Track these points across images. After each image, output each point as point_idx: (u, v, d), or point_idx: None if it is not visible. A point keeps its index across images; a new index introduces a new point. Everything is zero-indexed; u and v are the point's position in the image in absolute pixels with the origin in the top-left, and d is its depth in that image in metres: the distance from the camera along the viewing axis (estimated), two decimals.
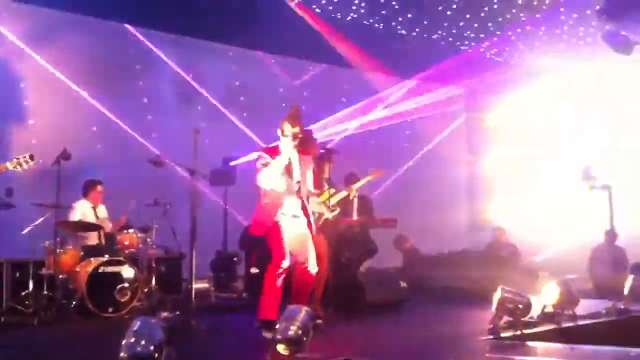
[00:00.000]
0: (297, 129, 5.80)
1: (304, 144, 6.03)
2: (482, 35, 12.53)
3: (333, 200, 7.13)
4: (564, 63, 13.07)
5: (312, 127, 8.99)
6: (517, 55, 13.53)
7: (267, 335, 5.26)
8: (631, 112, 13.03)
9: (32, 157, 6.52)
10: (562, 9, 11.55)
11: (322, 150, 7.08)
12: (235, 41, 11.27)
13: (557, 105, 13.97)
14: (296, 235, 5.80)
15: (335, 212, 6.98)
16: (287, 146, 5.81)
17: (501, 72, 13.29)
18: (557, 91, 13.71)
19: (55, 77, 9.80)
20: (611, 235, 9.29)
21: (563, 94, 13.75)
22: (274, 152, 5.85)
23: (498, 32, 12.39)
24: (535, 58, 13.30)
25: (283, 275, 5.66)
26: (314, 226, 5.94)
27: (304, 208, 5.89)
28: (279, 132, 5.86)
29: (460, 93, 14.78)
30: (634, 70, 11.94)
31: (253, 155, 5.96)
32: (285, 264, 5.66)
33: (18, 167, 6.46)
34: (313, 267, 5.82)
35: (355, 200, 8.30)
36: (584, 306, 6.98)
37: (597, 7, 9.98)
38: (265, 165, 5.76)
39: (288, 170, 5.81)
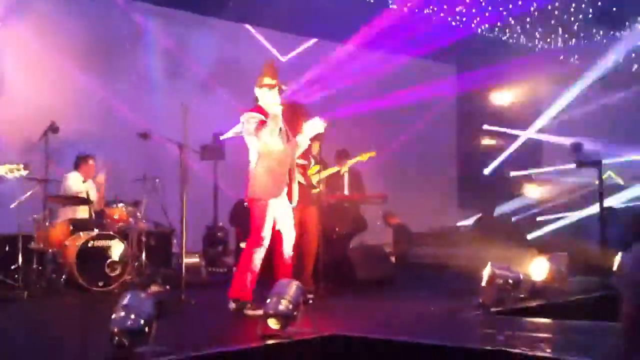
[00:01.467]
0: (276, 82, 5.65)
1: (293, 113, 5.93)
2: (474, 11, 12.48)
3: (322, 175, 7.11)
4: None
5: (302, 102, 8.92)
6: (510, 33, 13.50)
7: (232, 306, 5.32)
8: None
9: (26, 167, 6.40)
10: None
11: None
12: (225, 15, 11.14)
13: (547, 84, 14.00)
14: (280, 207, 5.69)
15: (316, 191, 6.93)
16: (272, 101, 5.61)
17: (493, 49, 13.25)
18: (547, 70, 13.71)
19: (43, 50, 9.62)
20: (606, 212, 9.25)
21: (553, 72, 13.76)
22: (260, 111, 5.62)
23: (490, 8, 12.35)
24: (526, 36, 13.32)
25: (261, 254, 5.54)
26: (295, 196, 5.79)
27: (290, 175, 5.74)
28: (258, 89, 5.67)
29: (452, 71, 14.74)
30: None
31: (242, 120, 5.66)
32: (266, 241, 5.55)
33: (9, 173, 6.31)
34: (292, 239, 5.76)
35: (346, 175, 8.31)
36: (573, 282, 7.05)
37: None
38: (262, 123, 5.49)
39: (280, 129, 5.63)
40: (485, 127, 14.95)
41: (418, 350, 4.32)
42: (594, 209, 9.79)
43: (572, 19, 12.75)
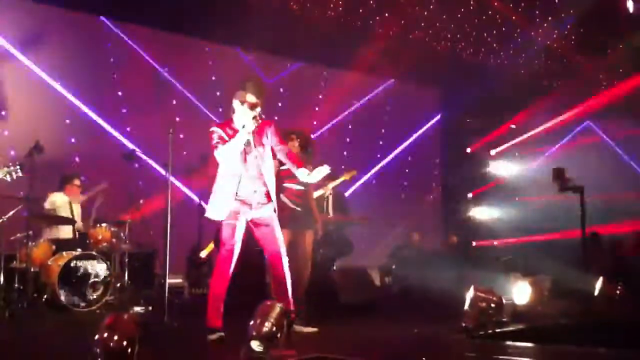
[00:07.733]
0: (258, 101, 5.32)
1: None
2: (459, 36, 12.65)
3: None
4: None
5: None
6: (493, 57, 13.65)
7: (212, 337, 5.17)
8: None
9: (22, 168, 6.38)
10: (536, 12, 11.74)
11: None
12: (212, 37, 11.20)
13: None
14: (261, 226, 5.43)
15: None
16: (245, 118, 5.26)
17: (477, 73, 13.38)
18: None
19: (29, 69, 9.63)
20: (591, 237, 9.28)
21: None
22: (227, 126, 5.36)
23: (474, 33, 12.52)
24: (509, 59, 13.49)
25: (227, 275, 5.31)
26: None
27: (268, 194, 5.40)
28: (239, 104, 5.32)
29: (436, 93, 14.87)
30: None
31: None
32: (231, 262, 5.31)
33: (8, 176, 6.30)
34: (285, 260, 5.48)
35: (330, 197, 8.33)
36: (555, 306, 7.09)
37: None
38: (221, 139, 5.24)
39: (247, 147, 5.29)
40: (469, 150, 15.05)
41: None
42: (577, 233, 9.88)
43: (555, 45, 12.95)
